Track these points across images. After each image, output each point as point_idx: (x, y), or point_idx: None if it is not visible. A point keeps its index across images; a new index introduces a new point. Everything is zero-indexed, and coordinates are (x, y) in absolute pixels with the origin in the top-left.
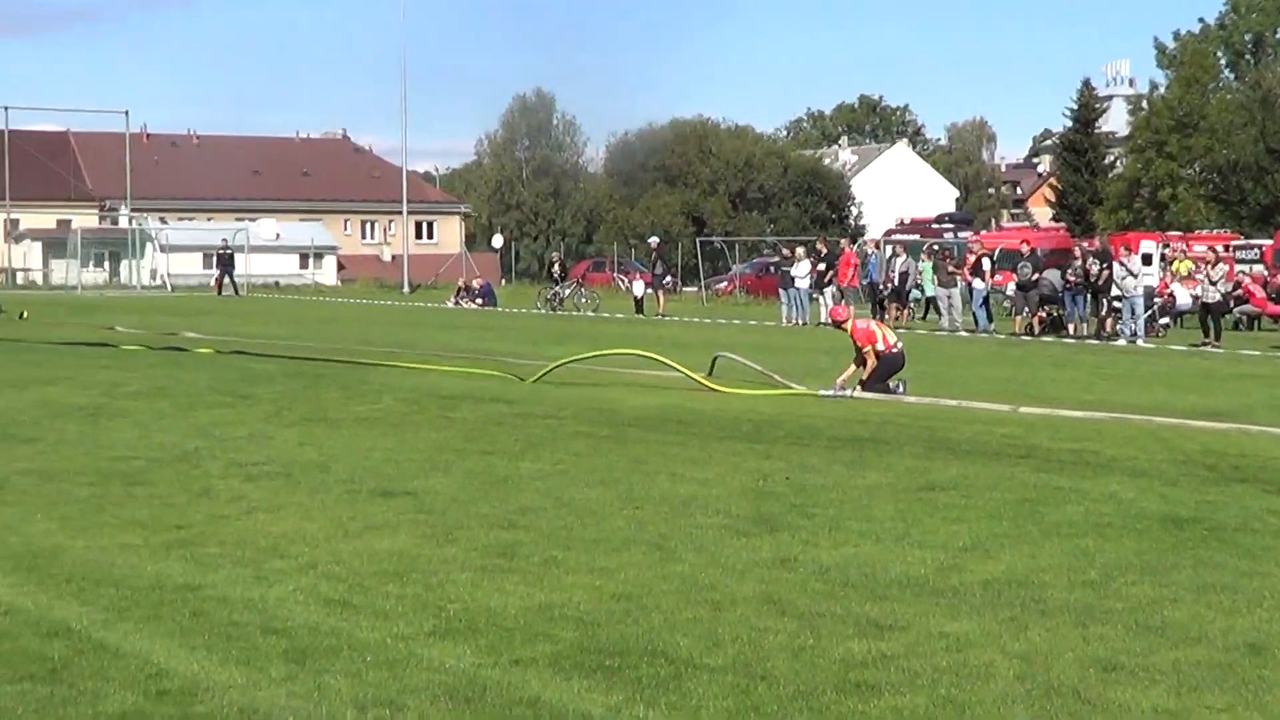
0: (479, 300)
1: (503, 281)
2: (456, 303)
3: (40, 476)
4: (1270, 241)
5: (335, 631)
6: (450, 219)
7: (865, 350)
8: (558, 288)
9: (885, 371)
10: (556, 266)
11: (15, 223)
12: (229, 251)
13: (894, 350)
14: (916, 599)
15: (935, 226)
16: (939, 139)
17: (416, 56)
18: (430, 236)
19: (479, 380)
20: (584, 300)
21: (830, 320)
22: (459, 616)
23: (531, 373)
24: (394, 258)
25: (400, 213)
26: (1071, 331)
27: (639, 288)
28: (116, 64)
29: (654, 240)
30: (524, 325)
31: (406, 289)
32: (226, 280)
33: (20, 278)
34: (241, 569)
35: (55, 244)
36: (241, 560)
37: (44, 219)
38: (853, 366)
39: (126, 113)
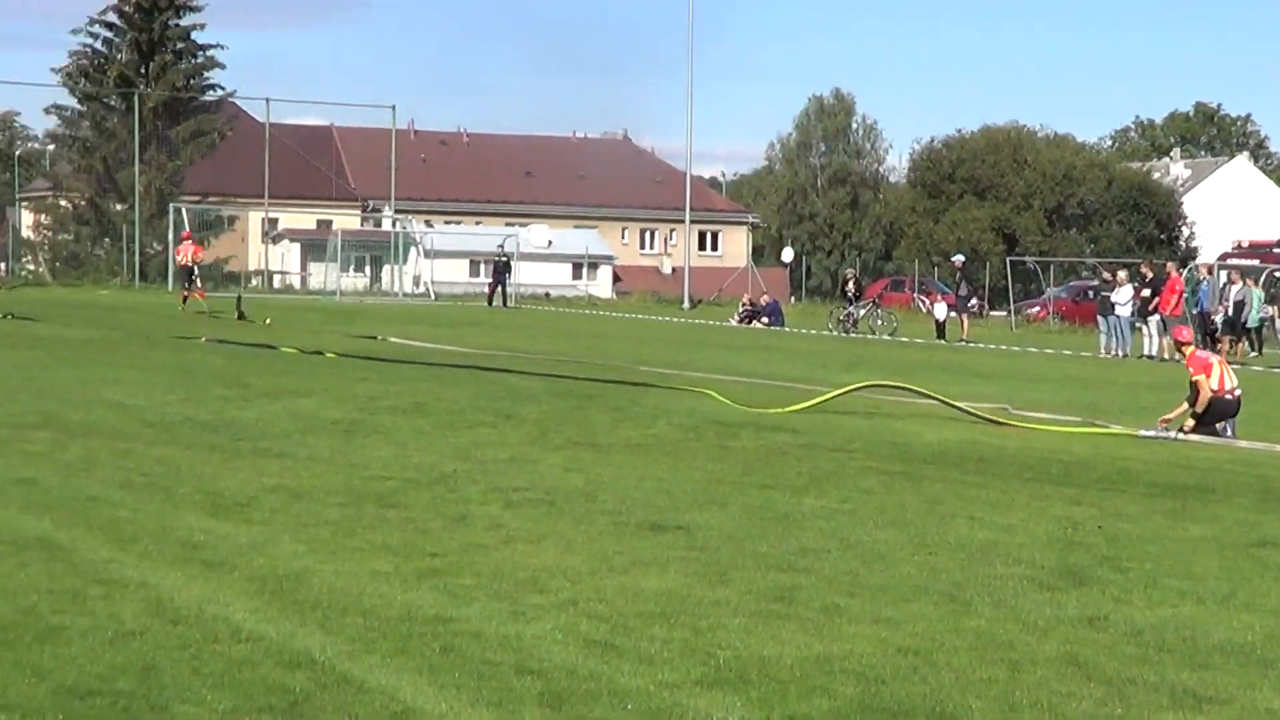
0: (765, 319)
1: (792, 299)
2: (740, 321)
3: (289, 495)
4: None
5: (595, 675)
6: (736, 229)
7: (1196, 379)
8: (851, 308)
9: (1215, 415)
10: (851, 284)
11: (274, 222)
12: (506, 259)
13: (1229, 395)
14: (1242, 669)
15: (1278, 251)
16: None
17: (704, 51)
18: (714, 248)
19: (758, 407)
20: (880, 322)
21: (1174, 342)
22: (729, 665)
23: (764, 400)
24: (674, 270)
25: (682, 221)
26: None
27: (941, 310)
28: (385, 55)
29: (959, 258)
30: (813, 348)
31: (686, 304)
32: (498, 290)
33: (277, 281)
34: (497, 603)
35: (314, 246)
36: (497, 593)
37: (303, 219)
38: (1184, 404)
39: (393, 108)
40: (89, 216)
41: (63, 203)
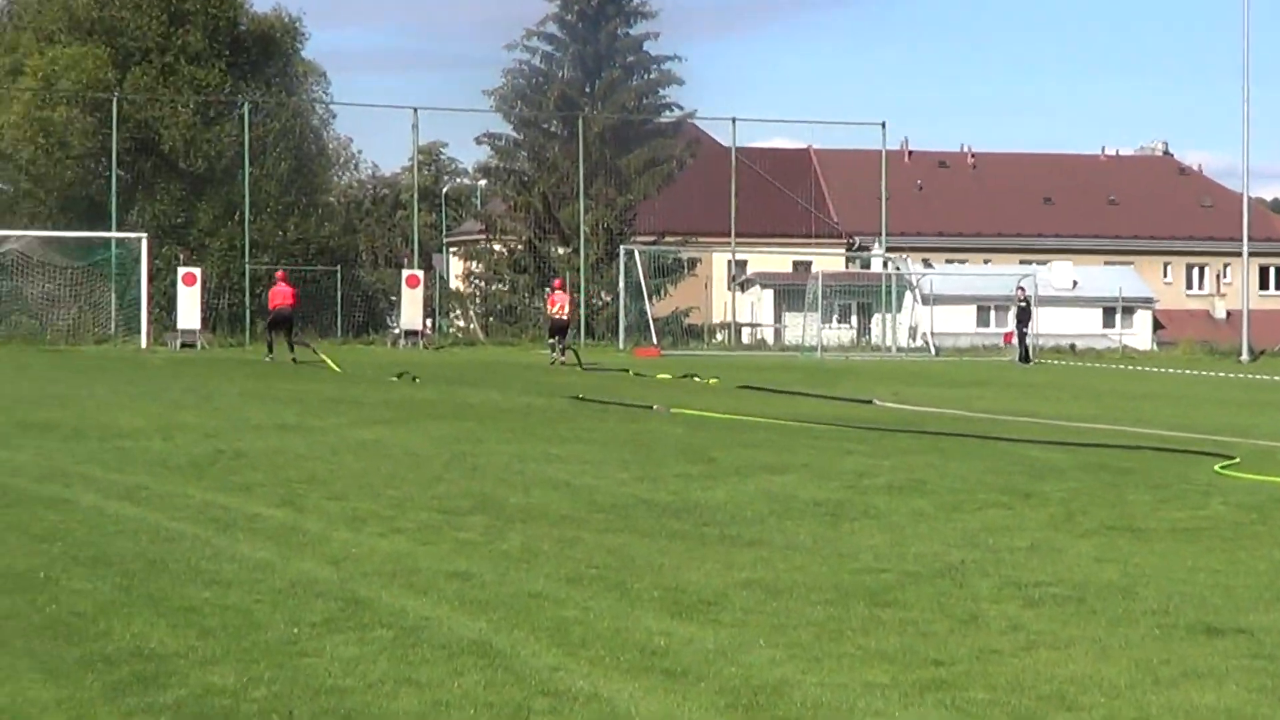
0: None
1: None
2: None
3: (765, 591)
4: None
5: None
6: None
7: None
8: None
9: None
10: None
11: (742, 265)
12: (1025, 303)
13: None
14: None
15: None
16: None
17: (1262, 46)
18: (1279, 286)
19: None
20: None
21: None
22: None
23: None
24: (1229, 314)
25: (1239, 254)
26: None
27: None
28: (871, 61)
29: None
30: None
31: (1245, 356)
32: (1019, 341)
33: (746, 335)
34: None
35: (790, 292)
36: (1016, 710)
37: (777, 261)
38: None
39: (883, 124)
40: (526, 263)
41: (496, 247)
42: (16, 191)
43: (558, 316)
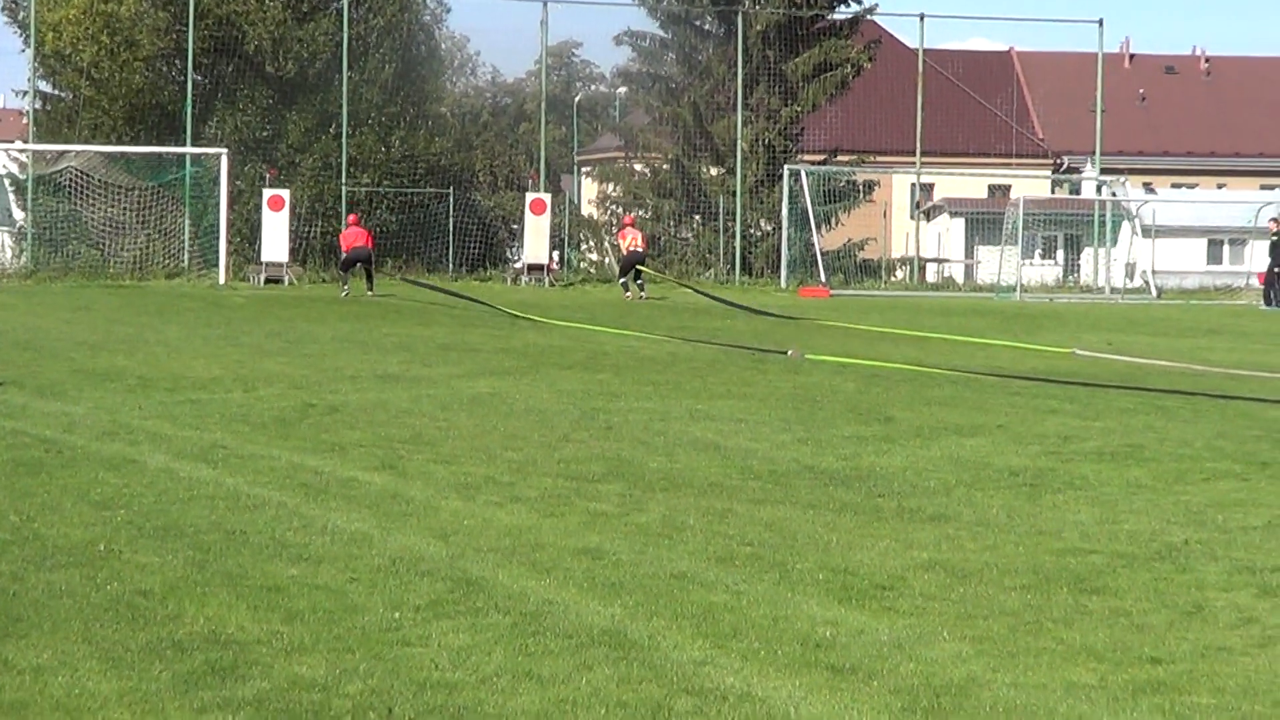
0: None
1: None
2: None
3: (950, 574)
4: None
5: None
6: None
7: None
8: None
9: None
10: None
11: (927, 189)
12: (1278, 236)
13: None
14: None
15: None
16: None
17: None
18: None
19: None
20: None
21: None
22: None
23: None
24: None
25: None
26: None
27: None
28: None
29: None
30: None
31: None
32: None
33: (931, 272)
34: None
35: (985, 222)
36: (1247, 718)
37: (970, 185)
38: None
39: (1099, 22)
40: (672, 185)
41: (637, 167)
42: (76, 99)
43: (631, 249)
